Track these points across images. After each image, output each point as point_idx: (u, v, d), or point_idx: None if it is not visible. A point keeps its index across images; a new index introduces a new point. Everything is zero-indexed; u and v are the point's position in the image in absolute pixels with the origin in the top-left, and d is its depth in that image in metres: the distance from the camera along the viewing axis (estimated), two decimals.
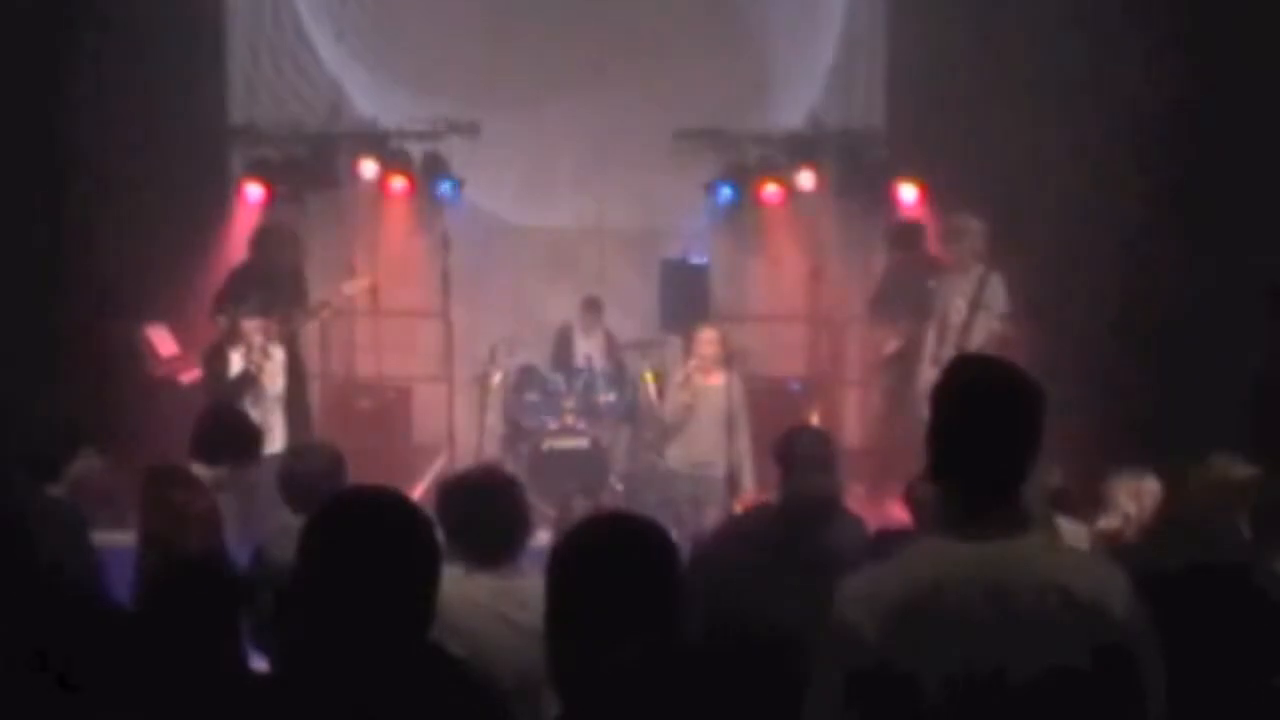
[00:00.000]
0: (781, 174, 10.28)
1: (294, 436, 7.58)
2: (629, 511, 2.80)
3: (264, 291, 8.01)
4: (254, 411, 6.90)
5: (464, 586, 3.47)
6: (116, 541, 5.16)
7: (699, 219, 10.41)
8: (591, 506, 7.89)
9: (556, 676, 2.48)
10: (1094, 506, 5.58)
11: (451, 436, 8.54)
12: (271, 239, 9.01)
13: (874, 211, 10.30)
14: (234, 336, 7.75)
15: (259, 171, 10.02)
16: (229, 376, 7.61)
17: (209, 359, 7.91)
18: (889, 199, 10.02)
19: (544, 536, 5.03)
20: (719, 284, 9.76)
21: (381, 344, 10.58)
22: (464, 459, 8.14)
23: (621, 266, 10.30)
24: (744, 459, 7.78)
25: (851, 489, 5.87)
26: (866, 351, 10.15)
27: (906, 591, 2.52)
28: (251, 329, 7.64)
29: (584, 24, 10.30)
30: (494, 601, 3.55)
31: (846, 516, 5.00)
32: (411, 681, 2.35)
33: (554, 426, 9.01)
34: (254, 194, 9.95)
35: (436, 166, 10.26)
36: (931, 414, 2.65)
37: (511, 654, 3.36)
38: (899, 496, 5.67)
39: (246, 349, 7.62)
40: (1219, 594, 2.86)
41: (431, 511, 2.82)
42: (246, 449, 5.26)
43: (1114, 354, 8.09)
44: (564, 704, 2.46)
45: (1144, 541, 5.17)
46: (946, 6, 9.40)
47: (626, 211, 10.28)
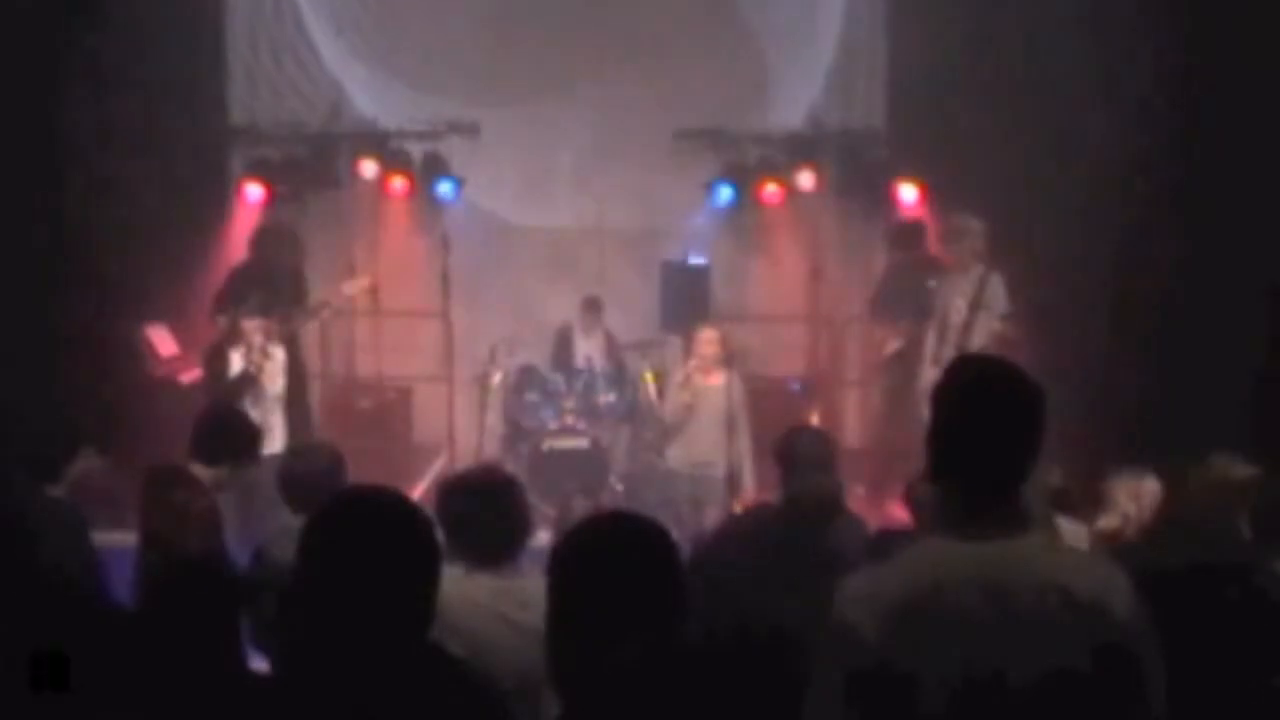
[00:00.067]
0: (781, 174, 10.28)
1: (294, 436, 7.58)
2: (630, 511, 2.80)
3: (264, 291, 8.00)
4: (254, 411, 6.89)
5: (464, 586, 3.47)
6: (116, 541, 5.17)
7: (699, 219, 10.42)
8: (591, 506, 7.88)
9: (557, 676, 2.48)
10: (1094, 506, 5.58)
11: (451, 436, 8.53)
12: (271, 239, 9.01)
13: (874, 211, 10.30)
14: (234, 336, 7.75)
15: (259, 171, 10.03)
16: (229, 376, 7.61)
17: (209, 359, 7.91)
18: (889, 199, 10.02)
19: (544, 536, 5.03)
20: (719, 284, 9.76)
21: (381, 344, 10.57)
22: (464, 459, 8.14)
23: (621, 266, 10.30)
24: (744, 459, 7.78)
25: (851, 489, 5.87)
26: (866, 351, 10.15)
27: (906, 591, 2.52)
28: (251, 329, 7.63)
29: (584, 24, 10.30)
30: (494, 601, 3.55)
31: (848, 517, 5.01)
32: (411, 681, 2.35)
33: (554, 426, 9.02)
34: (254, 194, 9.96)
35: (436, 166, 10.27)
36: (932, 414, 2.65)
37: (511, 654, 3.36)
38: (899, 496, 5.68)
39: (246, 349, 7.61)
40: (1219, 594, 2.86)
41: (431, 511, 2.82)
42: (246, 449, 5.25)
43: (1114, 354, 8.09)
44: (564, 704, 2.46)
45: (1144, 541, 5.17)
46: (946, 6, 9.40)
47: (626, 211, 10.29)
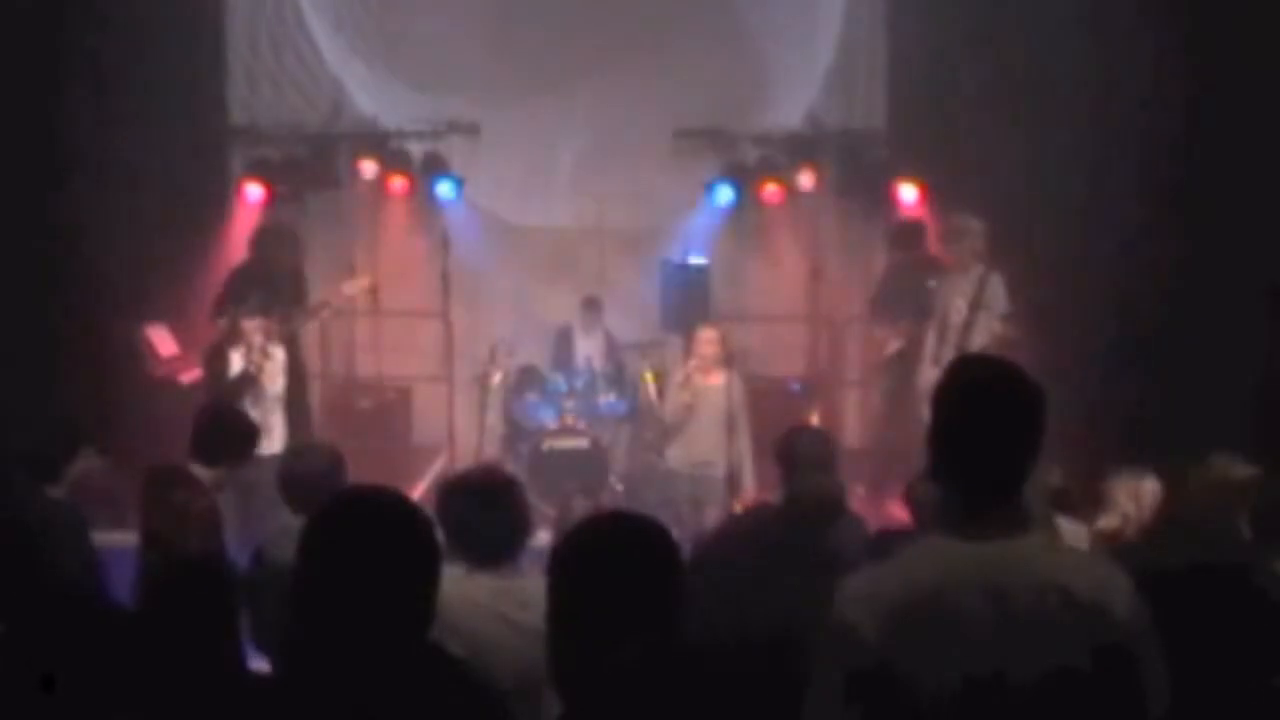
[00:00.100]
0: (781, 174, 10.28)
1: (294, 436, 7.58)
2: (630, 511, 2.80)
3: (264, 291, 8.00)
4: (254, 411, 6.89)
5: (464, 586, 3.47)
6: (116, 541, 5.17)
7: (699, 219, 10.41)
8: (591, 506, 7.87)
9: (558, 676, 2.48)
10: (1094, 506, 5.58)
11: (451, 436, 8.53)
12: (271, 239, 9.00)
13: (874, 211, 10.30)
14: (234, 336, 7.74)
15: (259, 171, 10.03)
16: (229, 376, 7.61)
17: (209, 359, 7.90)
18: (889, 199, 10.02)
19: (544, 536, 5.03)
20: (719, 284, 9.74)
21: (381, 344, 10.57)
22: (464, 459, 8.14)
23: (621, 266, 10.29)
24: (744, 459, 7.77)
25: (851, 489, 5.86)
26: (866, 351, 10.15)
27: (907, 592, 2.52)
28: (251, 329, 7.63)
29: (584, 24, 10.30)
30: (494, 601, 3.55)
31: (849, 517, 5.01)
32: (411, 681, 2.35)
33: (554, 426, 9.02)
34: (254, 194, 9.96)
35: (436, 166, 10.27)
36: (933, 414, 2.65)
37: (512, 654, 3.36)
38: (899, 496, 5.68)
39: (247, 349, 7.61)
40: (1219, 594, 2.86)
41: (431, 511, 2.82)
42: (242, 447, 5.27)
43: (1114, 354, 8.08)
44: (565, 704, 2.46)
45: (1144, 541, 5.17)
46: (946, 6, 9.41)
47: (626, 211, 10.28)
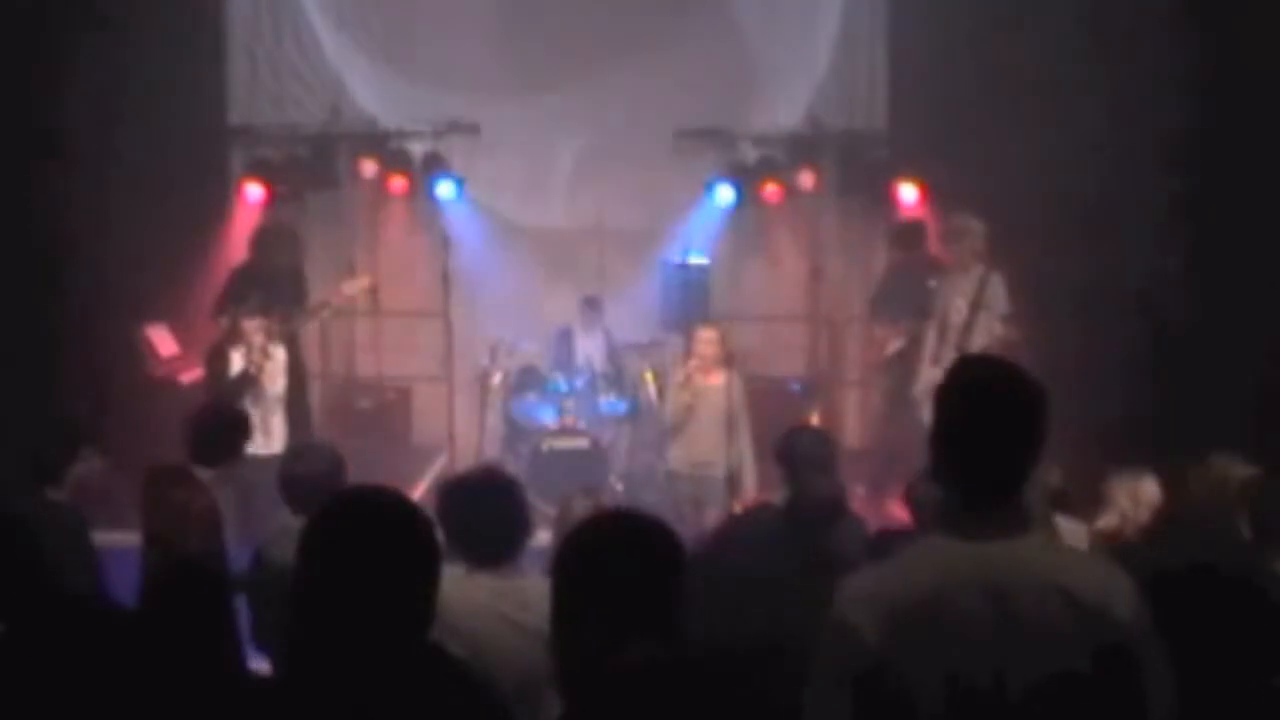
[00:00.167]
0: (781, 174, 10.29)
1: (294, 436, 7.58)
2: (634, 509, 2.79)
3: (264, 291, 8.00)
4: (254, 411, 6.90)
5: (464, 586, 3.47)
6: (116, 541, 5.18)
7: (699, 219, 10.41)
8: (591, 506, 7.85)
9: (561, 675, 2.48)
10: (1094, 506, 5.58)
11: (451, 436, 8.52)
12: (271, 239, 9.00)
13: (874, 211, 10.31)
14: (234, 336, 7.74)
15: (259, 171, 10.03)
16: (229, 376, 7.60)
17: (210, 359, 7.90)
18: (889, 199, 10.03)
19: (544, 536, 5.02)
20: (719, 284, 9.75)
21: (381, 344, 10.58)
22: (464, 459, 8.14)
23: (621, 266, 10.29)
24: (744, 459, 7.76)
25: (851, 489, 5.86)
26: (866, 351, 10.16)
27: (907, 592, 2.52)
28: (252, 329, 7.62)
29: (584, 24, 10.30)
30: (495, 602, 3.55)
31: (849, 518, 5.01)
32: (411, 682, 2.35)
33: (554, 426, 9.02)
34: (254, 194, 9.96)
35: (436, 166, 10.27)
36: (935, 414, 2.65)
37: (512, 654, 3.36)
38: (899, 496, 5.67)
39: (247, 349, 7.61)
40: (1219, 594, 2.85)
41: (431, 511, 2.81)
42: (237, 442, 5.29)
43: (1114, 354, 8.08)
44: (568, 704, 2.46)
45: (1144, 541, 5.17)
46: (946, 6, 9.40)
47: (626, 211, 10.28)
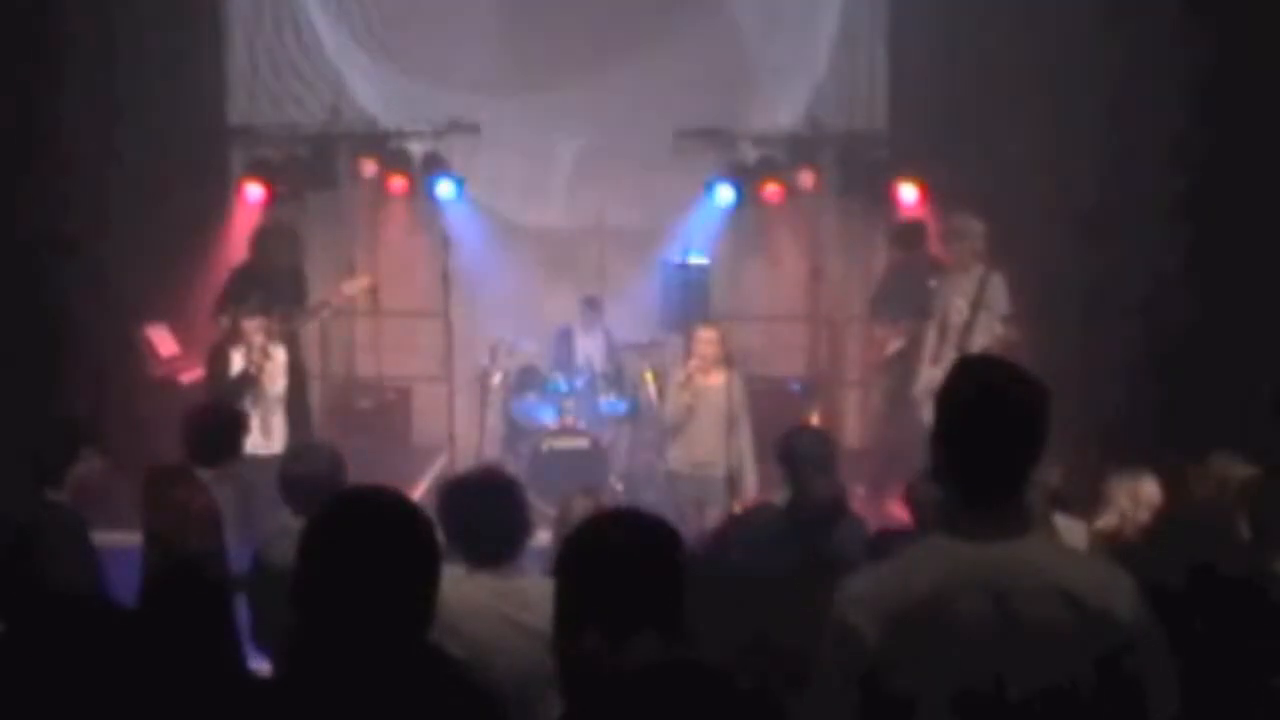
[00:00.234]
0: (781, 174, 10.29)
1: (294, 436, 7.57)
2: (636, 509, 2.79)
3: (264, 291, 8.00)
4: (254, 411, 6.90)
5: (464, 587, 3.47)
6: (116, 541, 5.17)
7: (699, 219, 10.42)
8: (592, 506, 7.85)
9: (563, 676, 2.47)
10: (1094, 506, 5.58)
11: (451, 436, 8.52)
12: (271, 239, 9.00)
13: (874, 211, 10.32)
14: (235, 336, 7.74)
15: (259, 171, 10.03)
16: (229, 376, 7.60)
17: (210, 359, 7.90)
18: (889, 199, 10.03)
19: (544, 536, 5.03)
20: (719, 284, 9.75)
21: (381, 344, 10.58)
22: (464, 459, 8.14)
23: (621, 266, 10.29)
24: (744, 459, 7.75)
25: (851, 489, 5.86)
26: (866, 351, 10.16)
27: (908, 593, 2.51)
28: (252, 329, 7.62)
29: (584, 23, 10.30)
30: (495, 602, 3.55)
31: (850, 518, 5.01)
32: (411, 682, 2.35)
33: (554, 426, 9.01)
34: (254, 194, 9.96)
35: (436, 166, 10.28)
36: (936, 415, 2.65)
37: (513, 655, 3.36)
38: (899, 496, 5.68)
39: (247, 349, 7.60)
40: (1218, 594, 2.86)
41: (431, 511, 2.81)
42: (235, 439, 5.29)
43: (1114, 354, 8.08)
44: (570, 704, 2.46)
45: (1144, 541, 5.17)
46: (946, 6, 9.40)
47: (626, 211, 10.28)
